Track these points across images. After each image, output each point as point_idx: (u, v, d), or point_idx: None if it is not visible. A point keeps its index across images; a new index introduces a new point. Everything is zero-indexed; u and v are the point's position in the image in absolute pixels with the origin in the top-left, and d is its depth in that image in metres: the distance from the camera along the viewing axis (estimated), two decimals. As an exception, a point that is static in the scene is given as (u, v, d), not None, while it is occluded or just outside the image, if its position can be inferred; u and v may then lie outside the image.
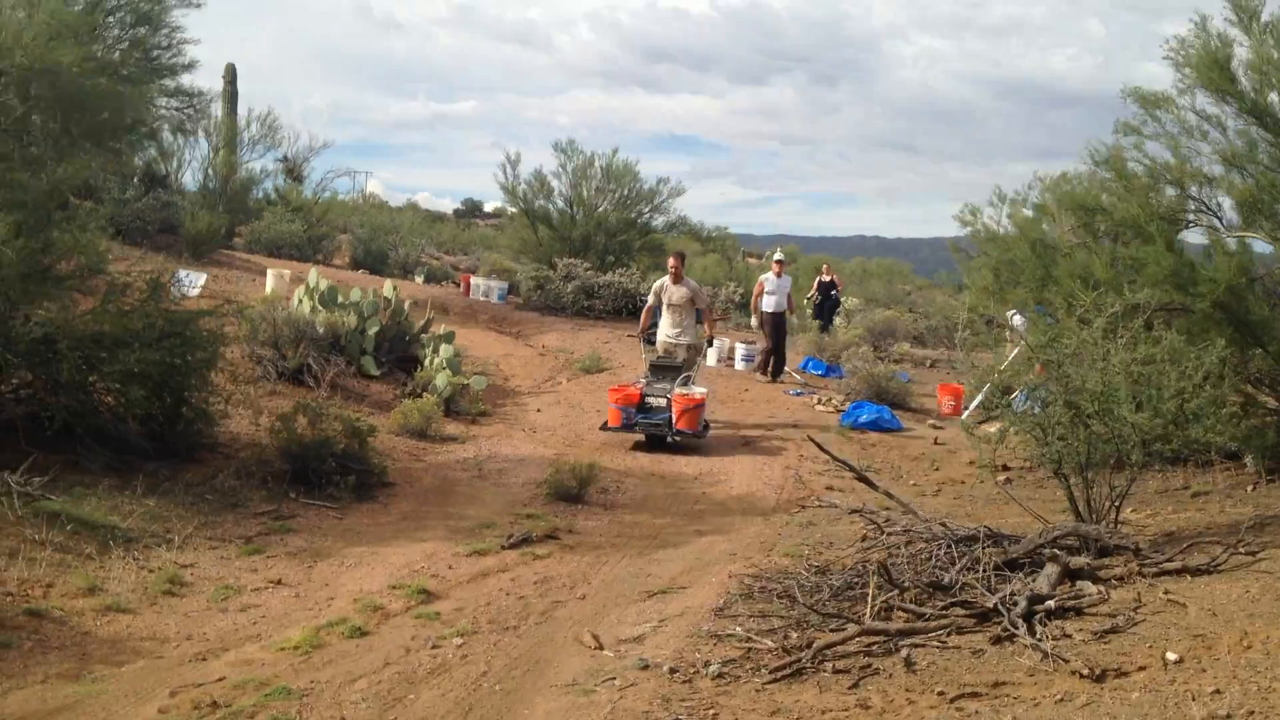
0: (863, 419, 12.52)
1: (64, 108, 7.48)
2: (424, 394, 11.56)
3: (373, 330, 12.66)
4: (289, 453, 8.33)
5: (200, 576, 6.31)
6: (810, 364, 16.61)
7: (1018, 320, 11.46)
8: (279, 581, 6.36)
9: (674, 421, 10.84)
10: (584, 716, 4.63)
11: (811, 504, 8.62)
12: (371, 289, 13.75)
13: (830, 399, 13.88)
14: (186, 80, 10.96)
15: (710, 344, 12.42)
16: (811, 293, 22.23)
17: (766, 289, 15.53)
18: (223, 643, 5.40)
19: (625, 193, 24.65)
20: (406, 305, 13.55)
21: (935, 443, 11.96)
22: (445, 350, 12.71)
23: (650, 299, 12.17)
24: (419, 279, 24.76)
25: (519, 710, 4.74)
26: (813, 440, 8.48)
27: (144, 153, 20.05)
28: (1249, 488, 8.01)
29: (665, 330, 11.94)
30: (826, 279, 22.00)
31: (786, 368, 15.84)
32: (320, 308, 12.65)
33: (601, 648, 5.52)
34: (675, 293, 11.90)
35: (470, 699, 4.84)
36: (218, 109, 25.72)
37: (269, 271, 16.38)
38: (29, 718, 4.40)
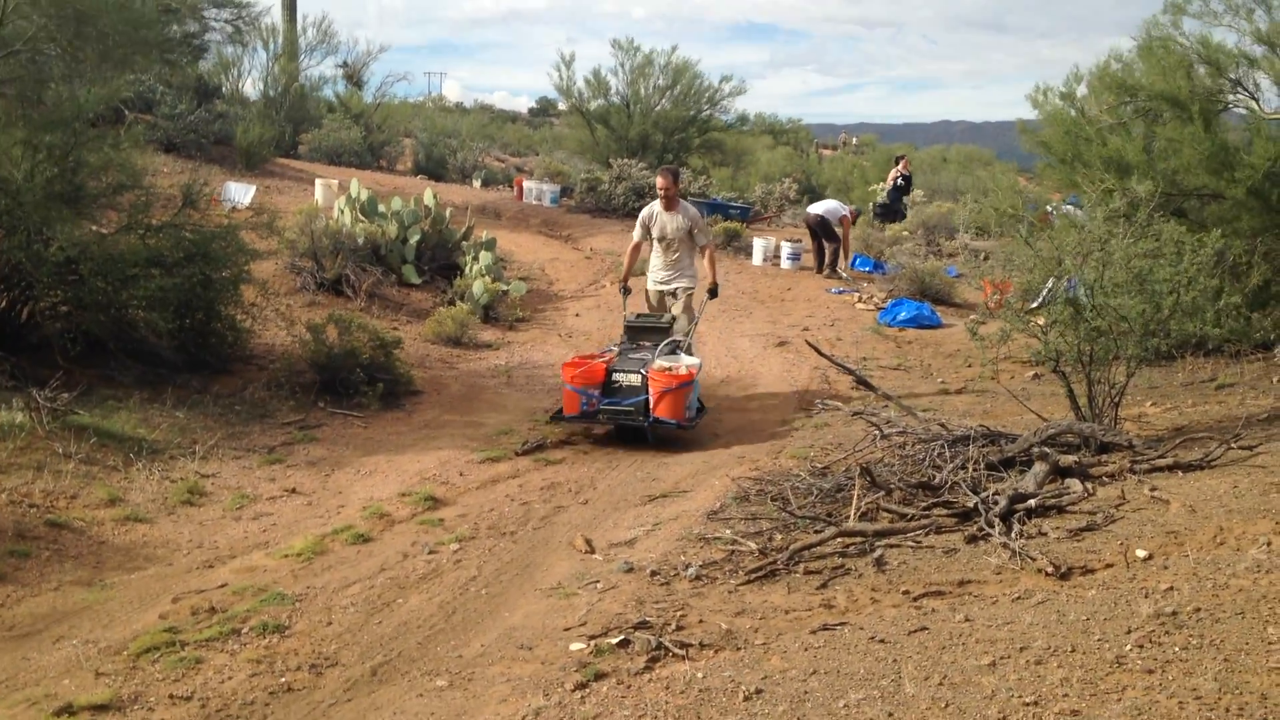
0: (901, 316, 12.39)
1: (72, 24, 7.59)
2: (461, 301, 11.73)
3: (414, 239, 12.81)
4: (318, 363, 8.58)
5: (220, 486, 6.60)
6: (858, 261, 16.40)
7: (1067, 208, 11.17)
8: (294, 490, 6.63)
9: (651, 406, 7.80)
10: (560, 618, 4.80)
11: (816, 408, 8.62)
12: (413, 197, 13.87)
13: (871, 297, 13.73)
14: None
15: (713, 294, 8.88)
16: (885, 185, 21.97)
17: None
18: (231, 550, 5.68)
19: (684, 90, 24.36)
20: (448, 213, 13.65)
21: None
22: (485, 257, 12.82)
23: (635, 233, 9.02)
24: (476, 183, 24.82)
25: (500, 613, 4.93)
26: (809, 343, 8.48)
27: (194, 66, 20.38)
28: (1276, 379, 7.80)
29: (655, 273, 9.05)
30: (905, 174, 21.59)
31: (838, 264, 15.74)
32: (361, 218, 12.82)
33: (592, 551, 5.69)
34: (668, 222, 8.80)
35: (455, 602, 5.05)
36: (278, 17, 25.89)
37: (318, 181, 16.58)
38: (37, 623, 4.72)
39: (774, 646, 4.09)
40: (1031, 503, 5.25)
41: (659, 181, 8.84)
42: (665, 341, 8.28)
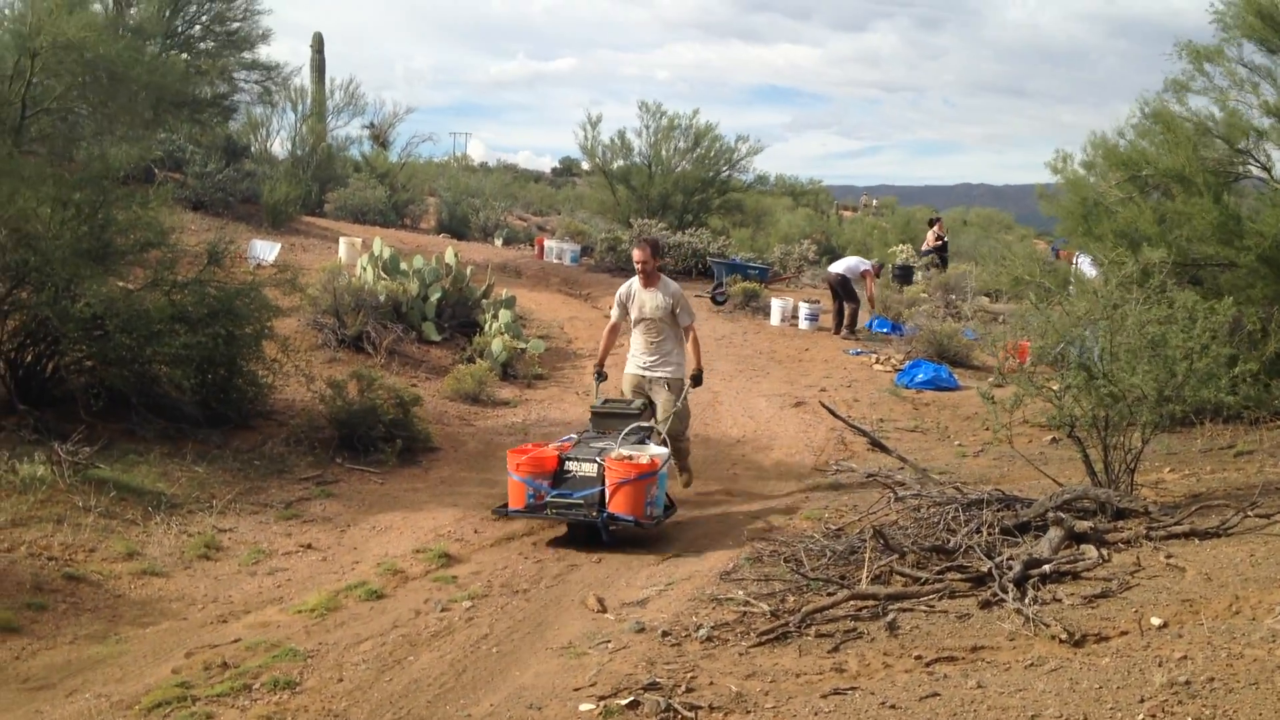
0: (919, 378, 12.40)
1: (101, 85, 7.79)
2: (480, 359, 11.82)
3: (434, 296, 12.96)
4: (338, 419, 8.66)
5: (237, 541, 6.65)
6: (876, 322, 16.45)
7: (1085, 267, 11.21)
8: (309, 546, 6.67)
9: (606, 499, 6.72)
10: (570, 677, 4.79)
11: (831, 469, 8.62)
12: (435, 255, 14.04)
13: (889, 358, 13.75)
14: (264, 53, 11.21)
15: (696, 381, 7.98)
16: (924, 245, 23.22)
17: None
18: (245, 605, 5.71)
19: (705, 152, 24.68)
20: (469, 271, 13.80)
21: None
22: (504, 315, 12.94)
23: (613, 313, 8.22)
24: (498, 242, 25.11)
25: (510, 671, 4.92)
26: (824, 405, 8.50)
27: (224, 126, 20.82)
28: (1296, 446, 7.77)
29: (635, 358, 8.03)
30: (943, 236, 23.15)
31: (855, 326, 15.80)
32: (383, 275, 12.99)
33: (604, 610, 5.68)
34: (647, 300, 7.85)
35: (466, 660, 5.04)
36: (307, 78, 26.48)
37: (341, 239, 16.83)
38: (52, 675, 4.75)
39: (784, 710, 4.07)
40: (1046, 568, 5.22)
41: (635, 255, 7.87)
42: (631, 427, 7.19)
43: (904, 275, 21.69)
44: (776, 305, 16.39)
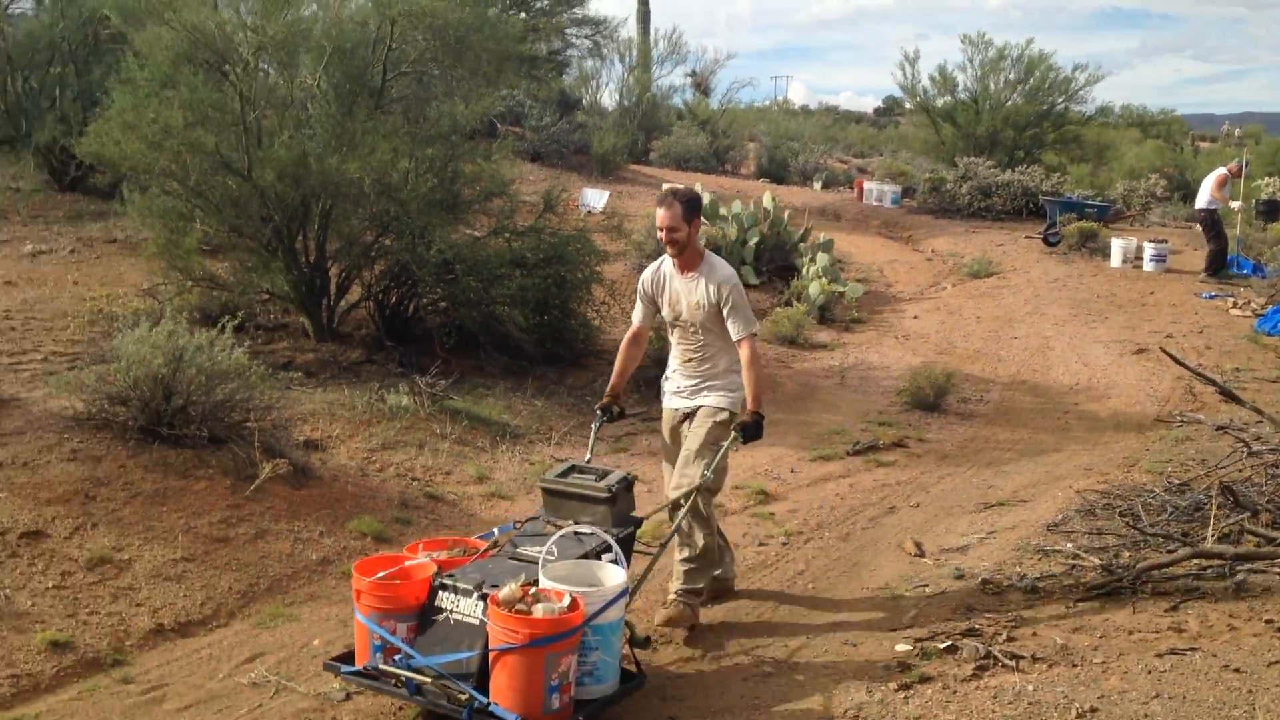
0: (1284, 324, 11.18)
1: (449, 48, 8.43)
2: (797, 302, 11.88)
3: (752, 241, 13.12)
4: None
5: (570, 470, 7.11)
6: (1237, 263, 14.92)
7: None
8: (635, 478, 7.01)
9: (487, 671, 3.67)
10: (886, 617, 4.82)
11: (1175, 421, 7.97)
12: (753, 200, 14.18)
13: (1249, 302, 12.47)
14: (594, 8, 11.72)
15: (748, 432, 4.64)
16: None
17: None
18: (578, 529, 6.12)
19: (1038, 84, 23.25)
20: (786, 215, 13.84)
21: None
22: (822, 259, 12.89)
23: (635, 313, 5.16)
24: (817, 185, 24.90)
25: (826, 608, 5.01)
26: (1165, 351, 7.84)
27: (558, 80, 21.95)
28: None
29: (671, 380, 5.21)
30: None
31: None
32: (704, 220, 13.29)
33: (922, 555, 5.64)
34: (683, 294, 4.87)
35: (782, 594, 5.18)
36: (633, 30, 27.37)
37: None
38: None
39: (1114, 666, 3.91)
40: None
41: (660, 217, 4.75)
42: (565, 531, 4.21)
43: (1269, 211, 19.44)
44: (1118, 245, 15.24)
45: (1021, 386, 9.64)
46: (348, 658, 3.96)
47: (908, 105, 29.93)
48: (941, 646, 4.33)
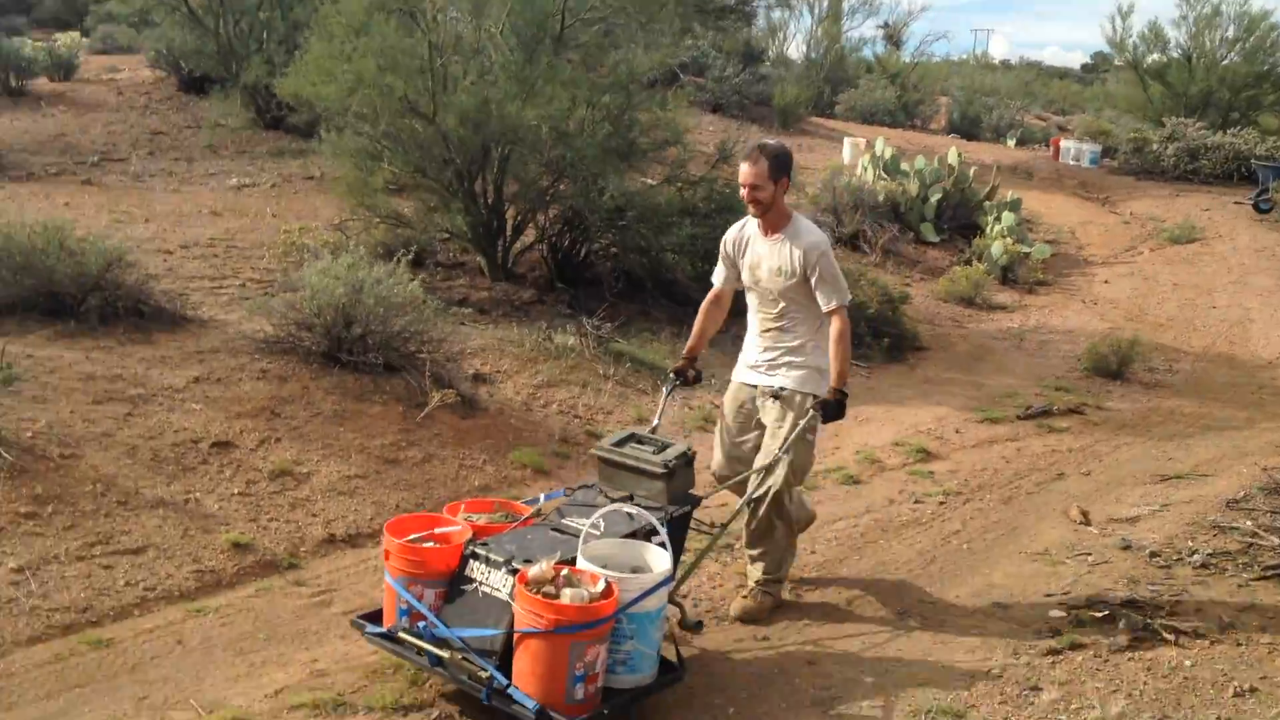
0: None
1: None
2: (978, 261, 11.50)
3: (934, 197, 12.74)
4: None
5: (729, 418, 7.14)
6: None
7: None
8: (794, 429, 6.99)
9: (511, 651, 3.42)
10: (1042, 583, 4.69)
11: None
12: (938, 156, 13.75)
13: None
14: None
15: (828, 411, 4.23)
16: None
17: None
18: (733, 475, 6.16)
19: (1259, 41, 21.60)
20: (972, 172, 13.36)
21: None
22: (1008, 218, 12.41)
23: (716, 273, 4.70)
24: (1010, 142, 23.90)
25: (979, 569, 4.90)
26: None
27: (743, 31, 21.73)
28: None
29: (747, 354, 4.69)
30: None
31: None
32: (883, 175, 13.00)
33: (1088, 523, 5.44)
34: (765, 258, 4.39)
35: (935, 551, 5.10)
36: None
37: (846, 140, 16.97)
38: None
39: (1283, 648, 3.70)
40: None
41: (743, 172, 4.30)
42: (610, 508, 3.81)
43: None
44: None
45: (1215, 358, 9.08)
46: (377, 616, 3.76)
47: (1115, 62, 28.34)
48: (1098, 615, 4.19)
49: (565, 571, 3.42)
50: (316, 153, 9.85)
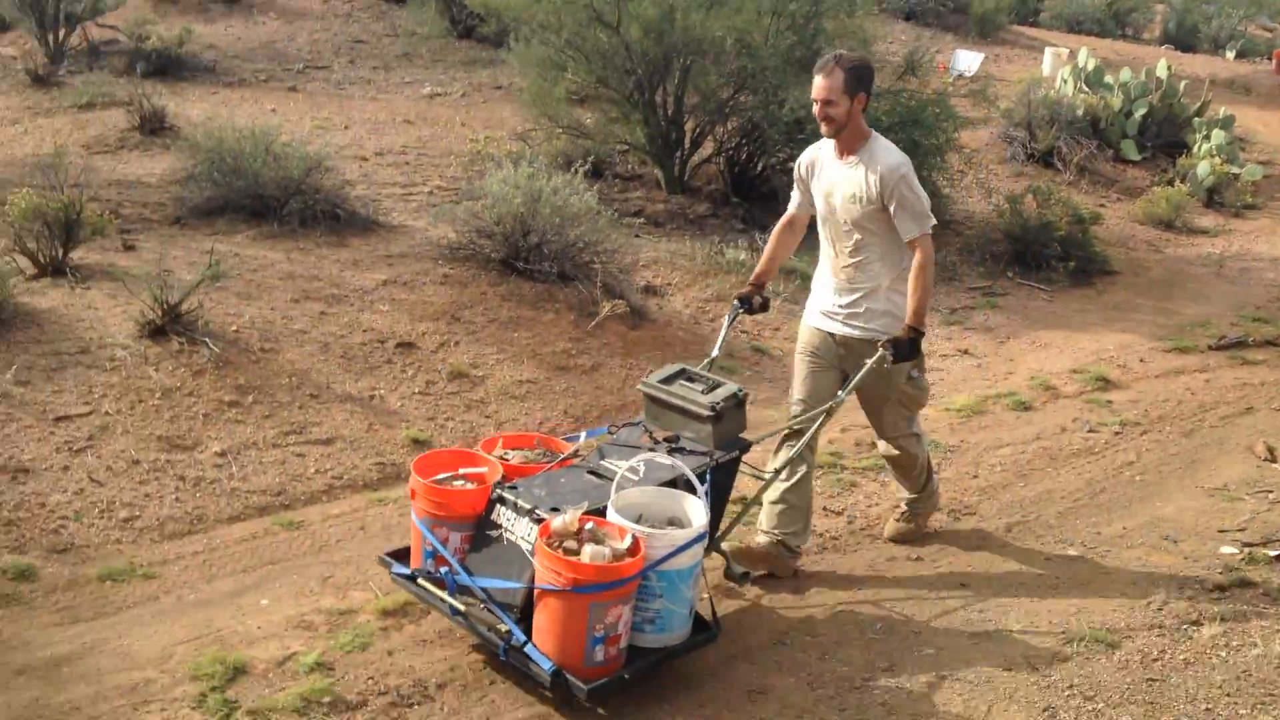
0: None
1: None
2: (1181, 182, 10.82)
3: (1138, 113, 11.99)
4: (1011, 234, 8.61)
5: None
6: None
7: None
8: (966, 351, 6.87)
9: (532, 606, 3.25)
10: (1216, 519, 4.55)
11: None
12: (1145, 69, 12.90)
13: None
14: None
15: (900, 350, 3.81)
16: None
17: None
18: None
19: None
20: (1181, 86, 12.49)
21: None
22: (1218, 136, 11.57)
23: (792, 198, 4.34)
24: (1229, 55, 22.10)
25: (1150, 501, 4.78)
26: None
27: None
28: None
29: (819, 292, 4.28)
30: None
31: None
32: (1084, 89, 12.30)
33: (1274, 460, 5.21)
34: (839, 183, 4.00)
35: (1104, 482, 4.99)
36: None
37: (1047, 50, 16.07)
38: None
39: None
40: None
41: (815, 85, 3.91)
42: (645, 456, 3.58)
43: None
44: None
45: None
46: (405, 554, 3.60)
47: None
48: (1271, 554, 4.05)
49: (590, 525, 3.22)
50: (504, 62, 10.08)
